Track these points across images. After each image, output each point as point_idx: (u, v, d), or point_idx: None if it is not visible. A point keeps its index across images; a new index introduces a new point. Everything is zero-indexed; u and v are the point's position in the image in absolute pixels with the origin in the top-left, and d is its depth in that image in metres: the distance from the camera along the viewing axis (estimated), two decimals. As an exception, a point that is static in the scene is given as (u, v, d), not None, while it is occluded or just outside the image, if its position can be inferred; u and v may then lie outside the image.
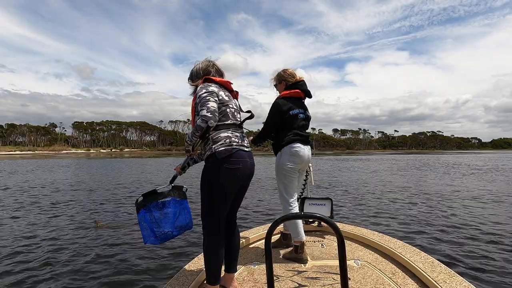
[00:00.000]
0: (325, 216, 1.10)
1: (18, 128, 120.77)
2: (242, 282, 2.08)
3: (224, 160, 1.76)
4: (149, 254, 3.90)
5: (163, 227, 1.94)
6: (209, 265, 1.83)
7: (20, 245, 4.26)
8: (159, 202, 1.96)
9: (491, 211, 6.60)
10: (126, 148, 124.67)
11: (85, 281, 3.17)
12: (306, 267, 2.30)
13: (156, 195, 1.98)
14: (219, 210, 1.81)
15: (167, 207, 1.97)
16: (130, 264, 3.59)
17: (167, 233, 1.96)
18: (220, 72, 2.06)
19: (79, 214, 6.33)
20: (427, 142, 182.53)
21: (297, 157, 2.43)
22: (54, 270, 3.43)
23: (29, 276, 3.27)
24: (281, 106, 2.44)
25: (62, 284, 3.10)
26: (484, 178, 13.76)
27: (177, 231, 2.00)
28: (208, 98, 1.76)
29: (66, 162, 32.57)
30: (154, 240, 1.95)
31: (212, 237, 1.82)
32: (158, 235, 1.95)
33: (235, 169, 1.78)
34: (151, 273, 3.35)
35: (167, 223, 1.96)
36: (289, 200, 2.48)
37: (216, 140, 1.80)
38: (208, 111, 1.71)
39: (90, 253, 3.98)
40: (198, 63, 2.05)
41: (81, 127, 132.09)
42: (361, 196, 8.69)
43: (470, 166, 22.77)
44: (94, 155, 72.38)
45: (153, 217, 1.93)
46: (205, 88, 1.82)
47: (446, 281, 1.88)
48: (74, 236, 4.74)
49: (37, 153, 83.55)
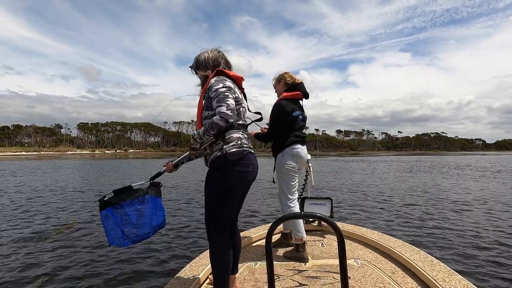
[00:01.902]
0: (325, 215, 1.11)
1: (24, 129, 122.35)
2: (243, 281, 2.08)
3: (235, 162, 1.66)
4: (149, 254, 3.89)
5: (139, 228, 1.78)
6: (218, 272, 1.72)
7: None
8: (135, 200, 1.78)
9: (491, 211, 6.57)
10: (130, 149, 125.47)
11: (84, 280, 3.14)
12: (306, 266, 2.31)
13: (131, 191, 1.80)
14: (227, 212, 1.73)
15: (144, 205, 1.81)
16: (130, 264, 3.56)
17: (143, 234, 1.80)
18: (229, 64, 1.91)
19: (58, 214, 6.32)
20: (431, 143, 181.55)
21: (298, 158, 2.51)
22: (53, 269, 3.41)
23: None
24: (285, 107, 2.49)
25: (60, 284, 3.08)
26: (493, 179, 13.59)
27: (152, 232, 1.86)
28: (227, 94, 1.62)
29: (70, 163, 32.80)
30: (122, 241, 1.76)
31: (218, 238, 1.73)
32: (130, 235, 1.77)
33: (246, 173, 1.70)
34: (151, 273, 3.33)
35: (145, 223, 1.80)
36: (290, 199, 2.51)
37: (228, 141, 1.68)
38: (228, 108, 1.57)
39: (86, 253, 3.94)
40: (205, 51, 1.88)
41: (86, 128, 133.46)
42: (361, 196, 8.66)
43: (477, 167, 22.56)
44: (99, 156, 72.53)
45: (125, 216, 1.75)
46: (221, 82, 1.68)
47: (446, 279, 1.90)
48: (63, 237, 4.70)
49: (42, 154, 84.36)
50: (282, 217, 1.18)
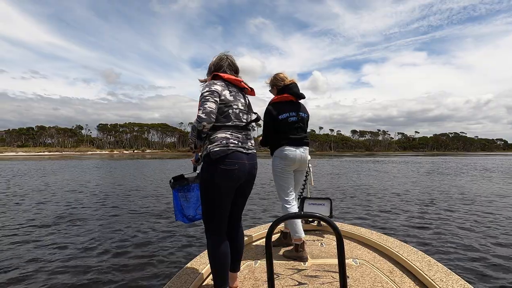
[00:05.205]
0: (324, 215, 1.14)
1: (47, 130, 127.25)
2: (243, 280, 2.11)
3: (218, 160, 1.72)
4: (148, 253, 3.94)
5: (186, 211, 2.06)
6: (214, 267, 1.79)
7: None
8: (185, 187, 2.05)
9: (493, 211, 6.47)
10: (147, 149, 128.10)
11: (83, 280, 3.18)
12: (305, 265, 2.34)
13: (183, 179, 2.06)
14: (218, 211, 1.78)
15: (191, 192, 2.06)
16: (129, 264, 3.60)
17: (192, 216, 2.08)
18: (234, 66, 1.97)
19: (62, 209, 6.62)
20: (449, 143, 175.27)
21: (286, 160, 2.51)
22: (50, 268, 3.48)
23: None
24: (271, 112, 2.52)
25: (58, 281, 3.15)
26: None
27: (199, 216, 2.06)
28: (208, 98, 1.73)
29: (92, 162, 33.84)
30: (183, 218, 2.08)
31: (214, 238, 1.80)
32: (187, 215, 2.07)
33: (230, 170, 1.74)
34: (151, 272, 3.37)
35: (190, 207, 2.06)
36: (286, 199, 2.55)
37: (212, 141, 1.76)
38: (203, 111, 1.69)
39: (85, 252, 3.98)
40: (213, 57, 2.00)
41: (105, 129, 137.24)
42: (361, 197, 8.61)
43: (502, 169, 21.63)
44: (118, 156, 74.22)
45: (181, 198, 2.06)
46: (208, 86, 1.77)
47: (443, 279, 1.90)
48: (64, 233, 4.90)
49: (64, 154, 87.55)
50: (282, 217, 1.20)
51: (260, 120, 2.09)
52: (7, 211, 6.71)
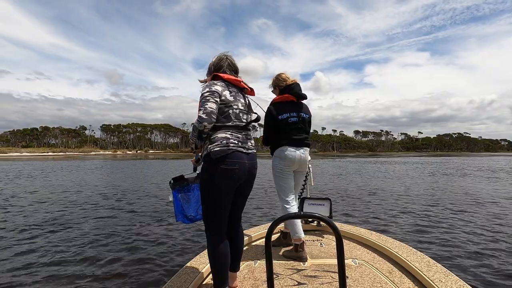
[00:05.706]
0: (324, 216, 1.13)
1: (51, 130, 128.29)
2: (243, 279, 2.11)
3: (218, 160, 1.73)
4: (148, 253, 3.94)
5: (187, 211, 2.06)
6: (214, 267, 1.80)
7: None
8: (185, 188, 2.07)
9: (493, 211, 6.46)
10: (150, 149, 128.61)
11: (83, 279, 3.18)
12: (305, 265, 2.34)
13: (183, 180, 2.08)
14: (218, 211, 1.79)
15: (191, 192, 2.08)
16: (129, 264, 3.60)
17: (193, 217, 2.09)
18: (234, 66, 1.99)
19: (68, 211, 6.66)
20: (453, 144, 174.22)
21: (286, 160, 2.51)
22: (43, 272, 3.39)
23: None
24: (271, 112, 2.53)
25: (58, 282, 3.14)
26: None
27: (200, 216, 2.06)
28: (208, 99, 1.74)
29: (95, 162, 34.01)
30: (183, 219, 2.08)
31: (214, 237, 1.81)
32: (187, 215, 2.07)
33: (230, 170, 1.75)
34: (151, 272, 3.38)
35: (190, 208, 2.07)
36: (285, 199, 2.55)
37: (213, 141, 1.77)
38: (204, 112, 1.71)
39: (85, 252, 3.97)
40: (213, 58, 2.01)
41: (108, 130, 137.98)
42: (361, 197, 8.60)
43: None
44: (121, 156, 74.31)
45: (182, 198, 2.07)
46: (208, 87, 1.79)
47: (442, 280, 1.90)
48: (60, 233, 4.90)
49: (68, 154, 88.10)
50: (282, 217, 1.20)
51: (260, 120, 2.09)
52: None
